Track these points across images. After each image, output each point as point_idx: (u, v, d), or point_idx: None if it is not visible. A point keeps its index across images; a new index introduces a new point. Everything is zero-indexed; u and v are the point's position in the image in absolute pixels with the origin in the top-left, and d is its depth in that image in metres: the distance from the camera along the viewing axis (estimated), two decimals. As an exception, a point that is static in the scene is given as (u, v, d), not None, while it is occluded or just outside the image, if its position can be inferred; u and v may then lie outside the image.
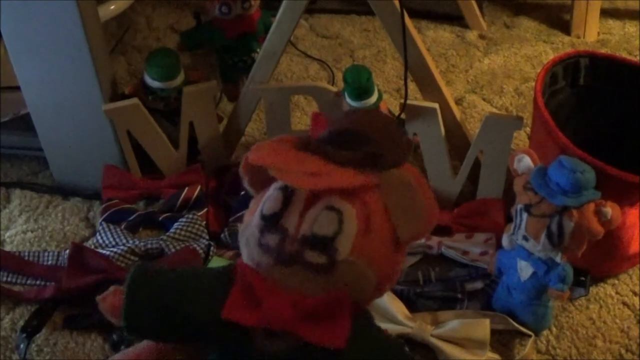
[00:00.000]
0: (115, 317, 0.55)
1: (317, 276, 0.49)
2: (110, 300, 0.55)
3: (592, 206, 0.75)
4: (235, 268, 0.53)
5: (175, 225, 0.97)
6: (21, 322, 0.87)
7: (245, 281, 0.51)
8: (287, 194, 0.50)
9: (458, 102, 1.25)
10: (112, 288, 0.57)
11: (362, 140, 0.52)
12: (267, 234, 0.49)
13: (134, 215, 1.00)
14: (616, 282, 0.94)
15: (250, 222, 0.52)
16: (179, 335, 0.56)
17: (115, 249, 0.93)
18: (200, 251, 0.93)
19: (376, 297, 0.54)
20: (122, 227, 0.99)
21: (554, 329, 0.88)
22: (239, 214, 0.98)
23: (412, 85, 1.03)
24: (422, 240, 0.94)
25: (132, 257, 0.93)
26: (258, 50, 1.17)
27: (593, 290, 0.92)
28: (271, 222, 0.49)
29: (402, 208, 0.50)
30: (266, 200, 0.50)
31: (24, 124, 1.05)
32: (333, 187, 0.48)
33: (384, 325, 0.84)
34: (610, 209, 0.75)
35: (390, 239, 0.51)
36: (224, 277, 0.53)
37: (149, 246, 0.94)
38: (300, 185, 0.47)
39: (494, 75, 1.33)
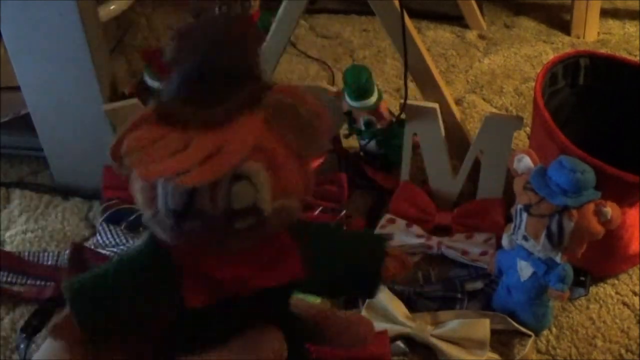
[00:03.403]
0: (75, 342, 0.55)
1: (251, 234, 0.49)
2: (65, 330, 0.55)
3: (592, 206, 0.75)
4: (168, 253, 0.52)
5: (175, 225, 0.97)
6: (21, 322, 0.87)
7: (189, 265, 0.51)
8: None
9: (458, 102, 1.25)
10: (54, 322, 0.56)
11: (229, 65, 0.49)
12: (184, 223, 0.48)
13: (134, 215, 1.00)
14: (616, 282, 0.94)
15: (152, 210, 0.50)
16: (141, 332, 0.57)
17: (115, 249, 0.93)
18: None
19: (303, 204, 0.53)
20: (122, 227, 0.99)
21: (553, 329, 0.88)
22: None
23: (412, 85, 1.03)
24: (422, 240, 0.95)
25: (132, 257, 0.93)
26: (258, 50, 1.17)
27: (593, 290, 0.92)
28: (184, 212, 0.48)
29: (294, 130, 0.49)
30: (167, 194, 0.48)
31: (24, 124, 1.05)
32: (233, 165, 0.46)
33: (383, 325, 0.84)
34: (610, 209, 0.75)
35: (293, 160, 0.50)
36: (162, 267, 0.53)
37: (149, 246, 0.94)
38: (201, 182, 0.46)
39: (494, 75, 1.33)
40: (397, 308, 0.85)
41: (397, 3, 0.93)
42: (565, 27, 1.45)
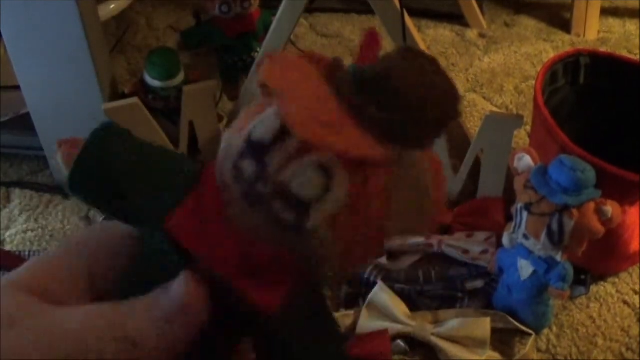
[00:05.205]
0: (66, 167, 0.47)
1: (274, 228, 0.39)
2: (69, 148, 0.47)
3: (592, 205, 0.75)
4: (204, 175, 0.45)
5: (176, 224, 0.97)
6: (22, 322, 0.87)
7: (205, 201, 0.45)
8: (285, 127, 0.36)
9: (458, 101, 1.25)
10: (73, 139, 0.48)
11: (401, 103, 0.39)
12: (245, 158, 0.39)
13: (134, 215, 1.00)
14: (617, 280, 0.94)
15: (239, 132, 0.43)
16: (117, 216, 0.47)
17: (115, 249, 0.93)
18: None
19: (332, 277, 0.42)
20: (123, 226, 0.99)
21: (554, 328, 0.88)
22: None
23: (412, 84, 1.03)
24: (422, 240, 0.95)
25: (133, 257, 0.93)
26: (258, 49, 1.17)
27: (593, 288, 0.92)
28: (255, 149, 0.39)
29: (405, 203, 0.38)
30: (259, 123, 0.39)
31: (24, 124, 1.05)
32: (339, 151, 0.36)
33: (384, 324, 0.84)
34: (610, 208, 0.75)
35: (374, 228, 0.39)
36: (189, 180, 0.44)
37: (150, 246, 0.94)
38: (305, 136, 0.38)
39: (494, 74, 1.33)
40: (398, 307, 0.85)
41: (397, 2, 0.93)
42: (565, 26, 1.45)
